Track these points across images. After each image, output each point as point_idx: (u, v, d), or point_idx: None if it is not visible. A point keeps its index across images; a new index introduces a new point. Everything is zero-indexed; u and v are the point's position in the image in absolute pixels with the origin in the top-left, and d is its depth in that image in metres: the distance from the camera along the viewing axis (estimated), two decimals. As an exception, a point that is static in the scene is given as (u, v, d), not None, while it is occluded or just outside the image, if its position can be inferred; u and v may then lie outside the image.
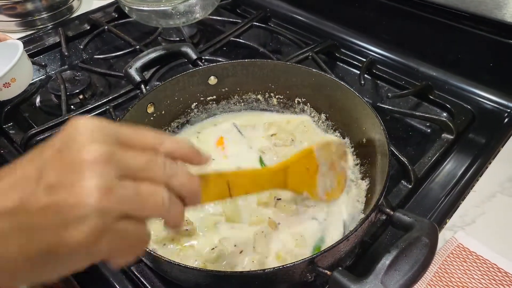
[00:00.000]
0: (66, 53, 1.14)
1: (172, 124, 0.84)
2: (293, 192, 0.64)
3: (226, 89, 0.86)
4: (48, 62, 1.15)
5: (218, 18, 1.26)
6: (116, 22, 1.24)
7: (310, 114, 0.86)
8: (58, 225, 0.31)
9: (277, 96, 0.87)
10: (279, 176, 0.59)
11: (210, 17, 1.21)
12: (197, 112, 0.87)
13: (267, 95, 0.87)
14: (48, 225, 0.31)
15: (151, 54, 0.83)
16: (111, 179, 0.32)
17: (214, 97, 0.86)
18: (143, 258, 0.59)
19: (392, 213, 0.54)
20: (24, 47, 0.94)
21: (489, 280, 0.64)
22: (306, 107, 0.85)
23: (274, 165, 0.60)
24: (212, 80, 0.83)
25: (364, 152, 0.75)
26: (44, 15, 1.26)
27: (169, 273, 0.56)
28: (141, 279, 0.66)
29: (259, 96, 0.87)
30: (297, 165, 0.62)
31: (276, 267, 0.49)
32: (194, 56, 0.84)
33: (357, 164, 0.77)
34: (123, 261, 0.36)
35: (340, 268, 0.49)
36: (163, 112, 0.81)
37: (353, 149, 0.79)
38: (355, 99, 0.73)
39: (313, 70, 0.79)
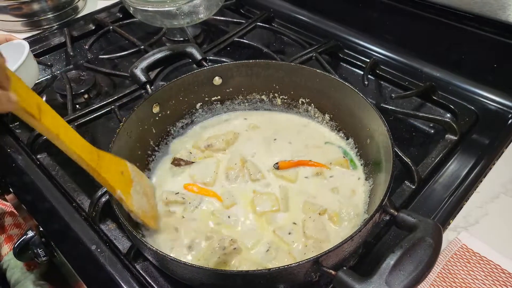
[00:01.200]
0: (72, 53, 1.14)
1: (177, 124, 0.85)
2: (105, 183, 0.60)
3: (231, 89, 0.86)
4: (54, 62, 1.16)
5: (222, 18, 1.26)
6: (120, 22, 1.25)
7: (314, 114, 0.86)
8: None
9: (281, 97, 0.87)
10: (92, 151, 0.58)
11: (214, 17, 1.21)
12: (202, 112, 0.87)
13: (271, 95, 0.87)
14: None
15: (157, 55, 0.83)
16: None
17: (219, 97, 0.87)
18: (149, 257, 0.59)
19: (396, 213, 0.55)
20: (29, 47, 0.95)
21: (492, 281, 0.64)
22: (310, 108, 0.86)
23: None
24: (217, 80, 0.84)
25: (368, 153, 0.75)
26: (50, 15, 1.27)
27: (175, 272, 0.57)
28: (146, 277, 0.66)
29: (263, 97, 0.88)
30: (110, 158, 0.62)
31: (281, 266, 0.49)
32: (199, 57, 0.85)
33: (361, 165, 0.77)
34: None
35: (344, 268, 0.49)
36: (168, 112, 0.81)
37: (357, 149, 0.79)
38: (359, 100, 0.73)
39: (317, 70, 0.79)
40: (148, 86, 0.80)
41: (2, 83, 0.41)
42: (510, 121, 0.90)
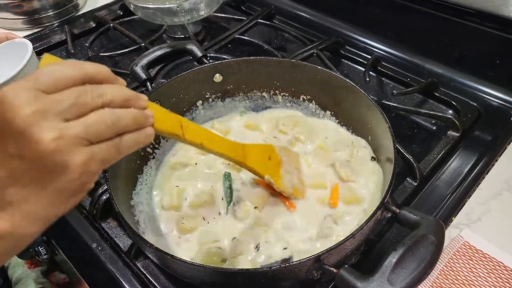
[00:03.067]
0: (72, 51, 1.14)
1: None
2: (254, 171, 0.66)
3: (231, 86, 0.86)
4: (54, 60, 1.16)
5: (223, 15, 1.26)
6: (121, 20, 1.25)
7: (315, 111, 0.85)
8: (49, 173, 0.38)
9: (282, 94, 0.87)
10: (236, 148, 0.64)
11: (215, 14, 1.21)
12: (202, 109, 0.87)
13: (272, 92, 0.87)
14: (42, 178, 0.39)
15: (157, 52, 0.83)
16: (54, 126, 0.37)
17: (219, 94, 0.86)
18: (150, 255, 0.59)
19: (398, 211, 0.54)
20: (32, 45, 0.94)
21: (495, 278, 0.63)
22: (311, 104, 0.85)
23: None
24: (217, 77, 0.83)
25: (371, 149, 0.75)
26: (50, 13, 1.27)
27: (175, 270, 0.57)
28: (147, 275, 0.66)
29: (264, 94, 0.87)
30: (255, 149, 0.68)
31: (282, 265, 0.49)
32: (199, 54, 0.84)
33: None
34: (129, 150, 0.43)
35: (346, 265, 0.49)
36: (168, 110, 0.81)
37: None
38: (360, 97, 0.72)
39: (318, 67, 0.79)
40: (148, 83, 0.80)
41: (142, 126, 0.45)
42: (512, 117, 0.89)
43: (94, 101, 0.41)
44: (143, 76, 0.80)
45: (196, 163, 0.78)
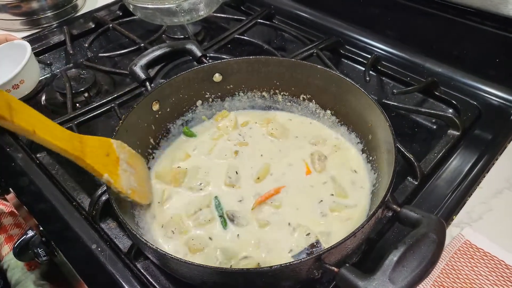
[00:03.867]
0: (71, 52, 1.14)
1: (177, 121, 0.84)
2: (92, 169, 0.60)
3: (231, 86, 0.86)
4: (53, 61, 1.16)
5: (222, 15, 1.26)
6: (120, 20, 1.25)
7: (315, 110, 0.85)
8: None
9: (282, 93, 0.86)
10: (73, 138, 0.57)
11: (214, 14, 1.21)
12: (202, 109, 0.87)
13: (272, 92, 0.87)
14: None
15: (156, 52, 0.82)
16: None
17: (219, 94, 0.86)
18: (149, 255, 0.59)
19: (399, 209, 0.54)
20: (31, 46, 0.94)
21: (496, 277, 0.63)
22: (311, 104, 0.85)
23: None
24: (217, 77, 0.83)
25: (370, 148, 0.75)
26: (49, 13, 1.27)
27: (175, 271, 0.56)
28: (147, 276, 0.66)
29: (264, 93, 0.87)
30: (93, 142, 0.61)
31: (283, 264, 0.49)
32: (198, 53, 0.84)
33: (363, 159, 0.77)
34: None
35: (347, 264, 0.48)
36: (168, 110, 0.81)
37: (359, 144, 0.79)
38: (361, 96, 0.72)
39: (318, 66, 0.79)
40: (147, 83, 0.80)
41: None
42: (513, 116, 0.89)
43: None
44: (142, 76, 0.80)
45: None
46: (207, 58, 0.84)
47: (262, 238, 0.66)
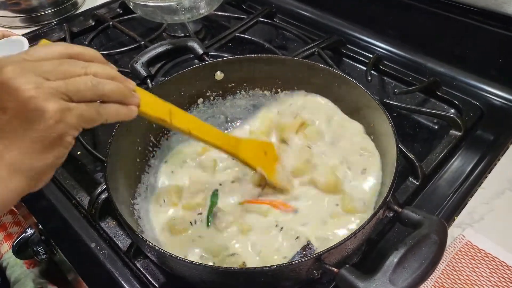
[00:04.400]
0: (71, 49, 1.13)
1: (177, 120, 0.84)
2: (246, 163, 0.68)
3: (233, 84, 0.85)
4: (53, 58, 1.15)
5: (223, 13, 1.25)
6: (120, 18, 1.24)
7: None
8: (30, 123, 0.41)
9: (284, 92, 0.86)
10: (229, 139, 0.67)
11: (215, 12, 1.20)
12: (203, 107, 0.86)
13: (274, 90, 0.86)
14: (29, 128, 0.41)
15: (157, 49, 0.82)
16: (34, 79, 0.40)
17: (220, 92, 0.86)
18: (148, 254, 0.59)
19: (400, 210, 0.54)
20: (29, 43, 0.94)
21: (498, 278, 0.63)
22: (313, 103, 0.84)
23: None
24: (219, 75, 0.83)
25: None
26: (49, 11, 1.27)
27: (174, 269, 0.56)
28: (147, 275, 0.66)
29: (265, 92, 0.87)
30: (252, 144, 0.72)
31: (283, 264, 0.48)
32: (200, 51, 0.83)
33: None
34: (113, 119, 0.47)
35: (347, 265, 0.48)
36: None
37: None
38: (363, 96, 0.71)
39: (321, 65, 0.78)
40: (148, 80, 0.79)
41: (126, 100, 0.48)
42: (515, 116, 0.89)
43: (77, 69, 0.43)
44: (144, 73, 0.79)
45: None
46: (209, 56, 0.84)
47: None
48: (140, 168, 0.75)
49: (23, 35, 1.03)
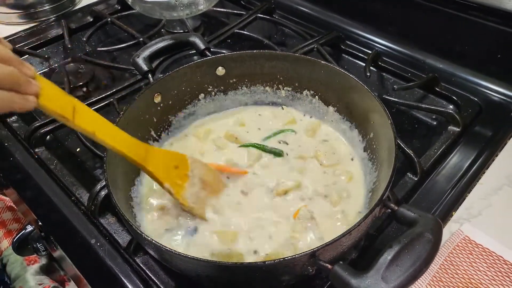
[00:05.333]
0: (69, 46, 1.13)
1: (179, 114, 0.84)
2: (153, 177, 0.64)
3: (234, 80, 0.85)
4: (51, 55, 1.15)
5: (222, 10, 1.25)
6: (119, 14, 1.24)
7: (318, 106, 0.84)
8: None
9: (285, 88, 0.86)
10: (139, 147, 0.62)
11: (214, 8, 1.20)
12: (205, 103, 0.86)
13: (275, 86, 0.86)
14: None
15: (159, 44, 0.82)
16: None
17: (222, 88, 0.86)
18: (146, 247, 0.59)
19: (396, 208, 0.53)
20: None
21: (495, 272, 0.63)
22: (314, 100, 0.84)
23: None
24: (220, 70, 0.82)
25: (372, 145, 0.74)
26: (47, 7, 1.26)
27: (171, 263, 0.56)
28: (147, 271, 0.66)
29: (267, 88, 0.87)
30: (162, 154, 0.67)
31: (277, 259, 0.48)
32: (202, 46, 0.83)
33: (364, 158, 0.76)
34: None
35: (341, 262, 0.48)
36: (170, 102, 0.80)
37: (360, 142, 0.78)
38: (364, 93, 0.71)
39: (322, 62, 0.78)
40: (150, 75, 0.79)
41: (20, 88, 0.43)
42: (513, 112, 0.89)
43: None
44: (145, 68, 0.79)
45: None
46: (211, 51, 0.84)
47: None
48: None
49: (20, 31, 1.03)
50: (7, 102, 0.42)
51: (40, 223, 0.76)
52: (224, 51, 1.04)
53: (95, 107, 0.91)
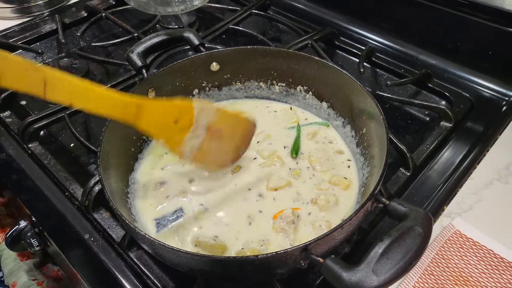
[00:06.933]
0: (63, 41, 1.13)
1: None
2: (146, 133, 0.61)
3: (228, 75, 0.85)
4: (45, 50, 1.14)
5: (217, 5, 1.24)
6: (113, 9, 1.23)
7: (312, 101, 0.85)
8: None
9: (279, 84, 0.86)
10: (127, 105, 0.57)
11: (209, 4, 1.20)
12: (199, 98, 0.86)
13: (269, 82, 0.86)
14: None
15: (154, 39, 0.81)
16: None
17: (216, 83, 0.86)
18: (139, 242, 0.59)
19: (387, 202, 0.54)
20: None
21: (485, 266, 0.64)
22: (308, 95, 0.85)
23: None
24: (214, 66, 0.83)
25: (364, 141, 0.75)
26: (40, 1, 1.25)
27: (164, 257, 0.56)
28: (140, 266, 0.66)
29: (261, 84, 0.87)
30: (158, 108, 0.60)
31: (269, 253, 0.49)
32: (196, 42, 0.83)
33: (357, 153, 0.77)
34: None
35: (333, 256, 0.49)
36: (164, 97, 0.80)
37: (353, 137, 0.79)
38: (356, 88, 0.72)
39: (315, 57, 0.78)
40: (144, 70, 0.79)
41: None
42: (504, 108, 0.90)
43: None
44: (139, 63, 0.79)
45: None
46: (205, 47, 0.84)
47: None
48: (134, 157, 0.75)
49: (14, 26, 1.02)
50: None
51: (33, 219, 0.76)
52: (218, 47, 1.04)
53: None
